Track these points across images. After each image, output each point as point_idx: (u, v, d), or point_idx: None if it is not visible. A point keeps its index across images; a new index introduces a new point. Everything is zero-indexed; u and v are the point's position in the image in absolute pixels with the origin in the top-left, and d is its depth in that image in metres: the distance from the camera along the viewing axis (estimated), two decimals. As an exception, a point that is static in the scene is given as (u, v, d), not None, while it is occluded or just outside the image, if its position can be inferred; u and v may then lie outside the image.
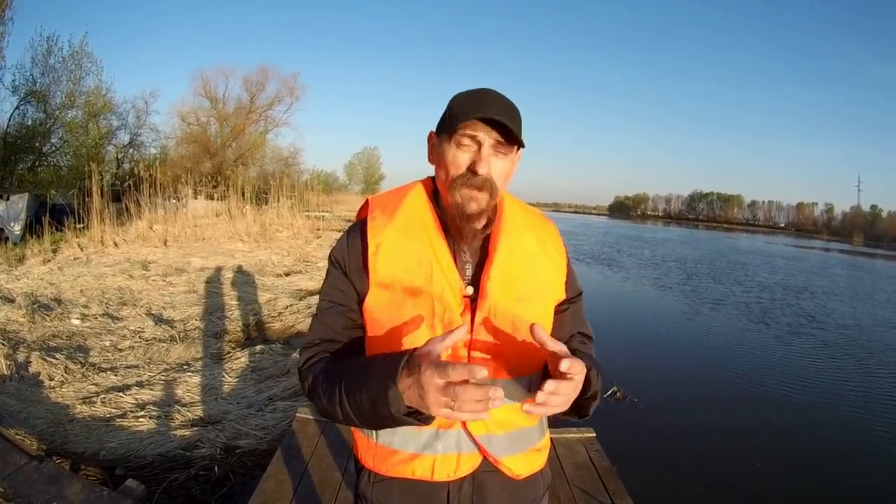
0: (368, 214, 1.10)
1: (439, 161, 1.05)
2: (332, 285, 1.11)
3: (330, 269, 1.13)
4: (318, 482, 2.67)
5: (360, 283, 1.07)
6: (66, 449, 3.36)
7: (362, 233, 1.08)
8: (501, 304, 1.04)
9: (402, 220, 1.07)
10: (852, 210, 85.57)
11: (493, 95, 1.01)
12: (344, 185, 60.83)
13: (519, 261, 1.08)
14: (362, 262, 1.06)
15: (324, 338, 1.09)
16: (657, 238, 34.80)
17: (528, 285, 1.08)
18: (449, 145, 1.01)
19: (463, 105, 1.00)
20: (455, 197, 1.01)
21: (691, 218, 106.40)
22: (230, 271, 9.03)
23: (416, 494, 1.06)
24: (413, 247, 1.04)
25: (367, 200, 1.15)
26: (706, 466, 4.05)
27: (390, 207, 1.10)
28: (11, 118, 17.05)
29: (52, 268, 8.47)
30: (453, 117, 1.00)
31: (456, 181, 1.01)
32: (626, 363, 6.26)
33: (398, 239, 1.05)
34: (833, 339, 8.59)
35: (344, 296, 1.09)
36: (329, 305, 1.10)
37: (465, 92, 1.04)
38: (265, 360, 5.07)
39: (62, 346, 5.14)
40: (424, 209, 1.09)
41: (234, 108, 29.96)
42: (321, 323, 1.10)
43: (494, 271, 1.05)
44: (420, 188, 1.13)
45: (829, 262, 27.42)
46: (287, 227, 15.26)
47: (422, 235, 1.05)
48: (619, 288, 12.54)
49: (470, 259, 1.08)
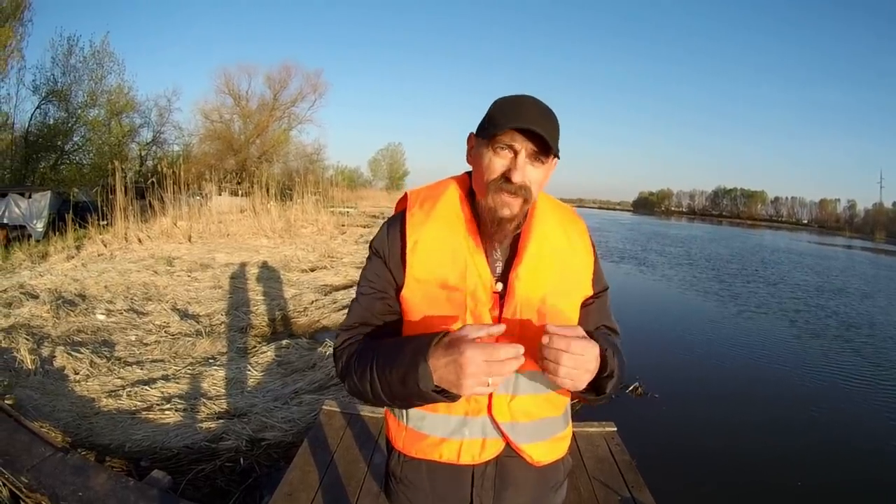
0: (407, 209, 1.15)
1: (476, 164, 1.09)
2: (372, 272, 1.16)
3: (370, 257, 1.18)
4: (343, 473, 2.65)
5: (398, 275, 1.12)
6: (91, 441, 3.33)
7: (402, 227, 1.13)
8: (528, 300, 1.08)
9: (438, 218, 1.12)
10: (875, 207, 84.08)
11: (532, 104, 1.03)
12: (368, 181, 60.91)
13: (548, 258, 1.12)
14: (400, 256, 1.12)
15: (361, 321, 1.16)
16: (683, 235, 34.20)
17: (555, 282, 1.12)
18: (487, 150, 1.05)
19: (503, 112, 1.03)
20: (489, 201, 1.05)
21: (715, 214, 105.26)
22: (255, 267, 9.02)
23: (442, 475, 1.14)
24: (448, 244, 1.09)
25: (406, 194, 1.20)
26: (724, 462, 4.01)
27: (428, 204, 1.14)
28: (33, 117, 17.42)
29: (76, 264, 8.53)
30: (493, 124, 1.02)
31: (490, 186, 1.04)
32: (648, 359, 6.14)
33: (435, 236, 1.10)
34: (862, 340, 8.21)
35: (383, 282, 1.14)
36: (368, 291, 1.16)
37: (506, 98, 1.07)
38: (291, 355, 5.01)
39: (87, 340, 5.13)
40: (460, 207, 1.13)
41: (258, 105, 30.07)
42: (360, 306, 1.17)
43: (522, 269, 1.09)
44: (456, 186, 1.17)
45: (855, 259, 26.77)
46: (311, 223, 15.30)
47: (457, 233, 1.10)
48: (644, 284, 12.30)
49: (500, 256, 1.13)
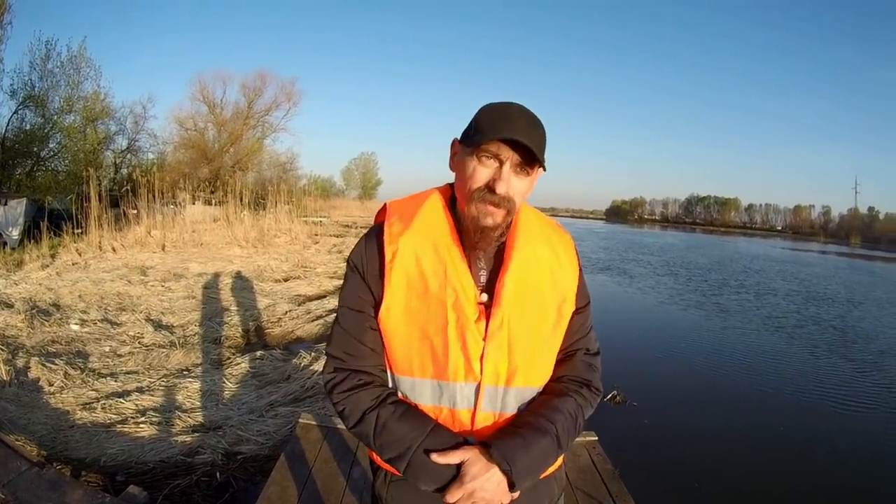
0: (385, 220, 1.11)
1: (460, 171, 1.07)
2: (350, 290, 1.13)
3: (348, 274, 1.14)
4: (322, 487, 2.67)
5: (377, 289, 1.09)
6: (66, 455, 3.34)
7: (378, 239, 1.09)
8: (515, 312, 1.06)
9: (418, 228, 1.07)
10: (850, 212, 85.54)
11: (519, 113, 1.02)
12: (341, 191, 61.09)
13: (534, 270, 1.10)
14: (379, 269, 1.08)
15: (347, 350, 1.11)
16: (660, 243, 34.72)
17: (541, 294, 1.10)
18: (471, 159, 1.02)
19: (489, 121, 1.00)
20: (472, 210, 1.03)
21: (688, 221, 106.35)
22: (228, 277, 9.00)
23: (430, 495, 1.07)
24: (429, 255, 1.05)
25: (385, 205, 1.15)
26: (706, 468, 4.08)
27: (407, 214, 1.10)
28: (10, 123, 17.03)
29: (51, 273, 8.44)
30: (478, 132, 1.00)
31: (474, 195, 1.02)
32: (626, 367, 6.27)
33: (414, 246, 1.06)
34: (836, 342, 8.58)
35: (363, 302, 1.10)
36: (350, 312, 1.11)
37: (492, 105, 1.05)
38: (265, 366, 5.05)
39: (61, 351, 5.12)
40: (441, 217, 1.10)
41: (232, 114, 29.92)
42: (342, 330, 1.12)
43: (509, 279, 1.06)
44: (437, 196, 1.14)
45: (838, 266, 27.31)
46: (285, 233, 15.23)
47: (438, 243, 1.06)
48: (623, 293, 12.51)
49: (485, 266, 1.10)
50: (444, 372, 1.05)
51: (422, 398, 1.08)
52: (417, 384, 1.08)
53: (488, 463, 1.00)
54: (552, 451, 1.06)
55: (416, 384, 1.08)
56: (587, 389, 1.16)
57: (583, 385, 1.16)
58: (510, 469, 0.99)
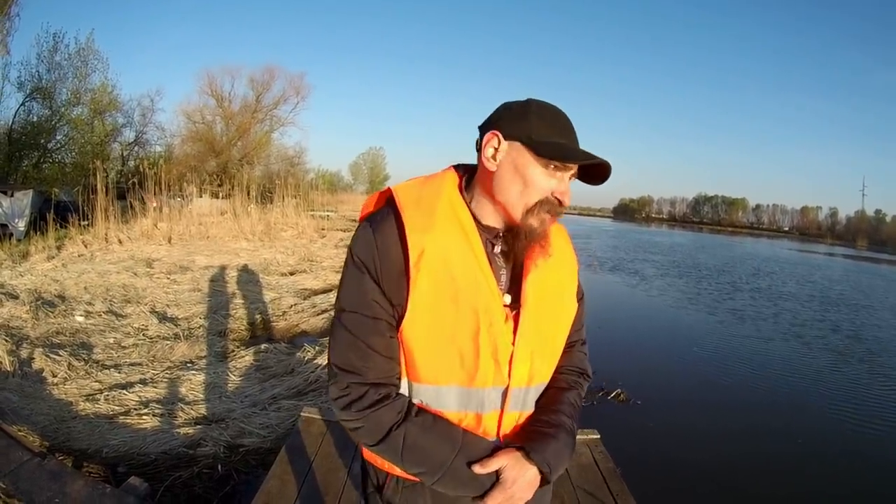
0: (402, 212, 0.99)
1: (512, 172, 0.99)
2: (361, 294, 1.00)
3: (354, 273, 1.01)
4: (322, 482, 2.65)
5: (398, 291, 0.98)
6: (68, 446, 3.33)
7: (401, 235, 0.98)
8: (539, 313, 1.06)
9: (443, 224, 0.99)
10: (856, 214, 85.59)
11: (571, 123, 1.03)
12: (349, 185, 61.30)
13: (551, 266, 1.08)
14: (402, 269, 0.98)
15: (362, 362, 0.99)
16: (668, 243, 34.63)
17: (559, 294, 1.12)
18: (535, 165, 0.98)
19: (557, 131, 0.99)
20: (532, 219, 0.99)
21: (695, 221, 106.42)
22: (234, 270, 9.01)
23: (443, 497, 1.07)
24: (458, 255, 0.98)
25: (390, 191, 1.05)
26: (708, 469, 4.04)
27: (426, 205, 1.00)
28: (17, 114, 17.17)
29: (56, 265, 8.47)
30: (559, 150, 0.98)
31: (540, 205, 0.99)
32: (629, 365, 6.24)
33: (443, 245, 0.97)
34: (842, 344, 8.53)
35: (378, 307, 0.99)
36: (362, 319, 0.99)
37: (553, 111, 1.02)
38: (269, 359, 5.04)
39: (66, 342, 5.12)
40: (464, 210, 1.03)
41: (240, 107, 29.95)
42: (354, 339, 1.00)
43: (532, 279, 1.05)
44: (453, 185, 1.06)
45: (848, 269, 27.20)
46: (292, 227, 15.27)
47: (464, 242, 0.99)
48: (628, 291, 12.47)
49: (504, 266, 1.06)
50: (472, 378, 1.00)
51: (447, 406, 1.03)
52: (443, 392, 1.02)
53: (525, 464, 1.01)
54: (571, 443, 1.09)
55: (441, 392, 1.02)
56: (584, 378, 1.21)
57: (581, 374, 1.20)
58: (549, 470, 1.02)
